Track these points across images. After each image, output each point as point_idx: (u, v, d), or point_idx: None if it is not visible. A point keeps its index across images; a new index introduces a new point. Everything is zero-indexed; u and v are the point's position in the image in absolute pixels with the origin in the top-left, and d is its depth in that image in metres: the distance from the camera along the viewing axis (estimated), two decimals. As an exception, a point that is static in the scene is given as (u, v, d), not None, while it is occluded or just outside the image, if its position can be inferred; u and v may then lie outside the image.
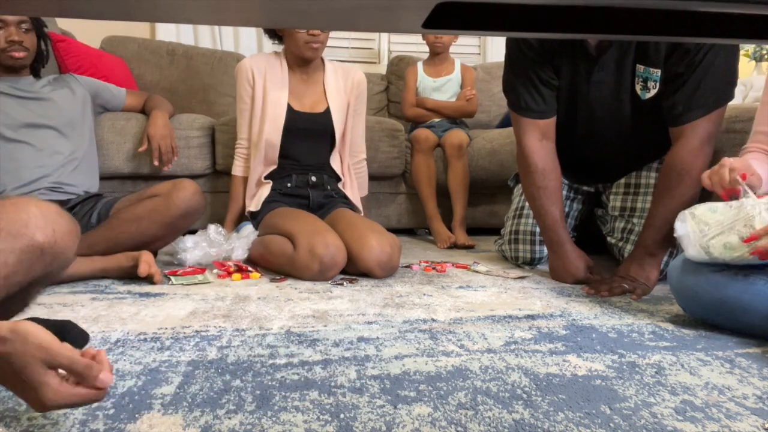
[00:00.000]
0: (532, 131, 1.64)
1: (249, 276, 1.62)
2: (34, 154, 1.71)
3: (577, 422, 0.75)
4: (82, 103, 1.89)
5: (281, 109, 1.93)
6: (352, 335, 1.11)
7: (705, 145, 1.45)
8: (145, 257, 1.52)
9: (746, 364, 0.99)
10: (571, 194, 1.91)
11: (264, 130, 1.92)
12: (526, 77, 1.62)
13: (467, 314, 1.28)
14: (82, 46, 2.52)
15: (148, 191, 1.70)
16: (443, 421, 0.75)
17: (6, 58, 1.72)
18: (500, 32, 0.40)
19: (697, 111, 1.44)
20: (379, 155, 2.44)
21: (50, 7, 0.38)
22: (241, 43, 3.29)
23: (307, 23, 0.39)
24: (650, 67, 1.51)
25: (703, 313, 1.21)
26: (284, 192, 1.95)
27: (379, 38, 3.57)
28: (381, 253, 1.63)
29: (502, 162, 2.50)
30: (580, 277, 1.61)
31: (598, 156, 1.75)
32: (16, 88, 1.75)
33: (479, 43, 3.62)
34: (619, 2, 0.35)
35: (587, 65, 1.57)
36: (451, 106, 2.60)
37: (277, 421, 0.74)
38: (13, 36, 1.71)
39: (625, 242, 1.73)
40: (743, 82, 3.07)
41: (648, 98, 1.54)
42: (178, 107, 2.53)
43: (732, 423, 0.76)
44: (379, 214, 2.55)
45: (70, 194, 1.76)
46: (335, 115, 1.99)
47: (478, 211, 2.62)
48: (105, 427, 0.71)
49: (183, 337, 1.07)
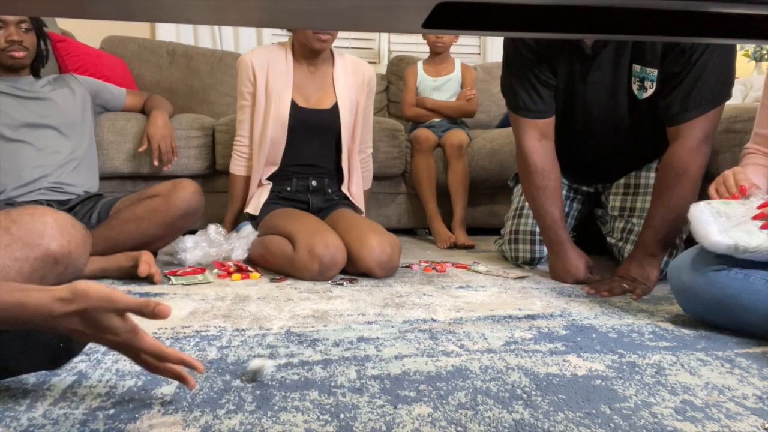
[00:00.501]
0: (531, 131, 1.64)
1: (249, 276, 1.62)
2: (34, 153, 1.71)
3: (577, 422, 0.75)
4: (82, 102, 1.89)
5: (285, 106, 1.87)
6: (352, 335, 1.11)
7: (703, 144, 1.45)
8: (145, 257, 1.52)
9: (746, 364, 0.99)
10: (571, 194, 1.91)
11: (267, 128, 1.87)
12: (524, 77, 1.62)
13: (467, 314, 1.28)
14: (82, 46, 2.52)
15: (148, 191, 1.69)
16: (443, 421, 0.75)
17: (6, 58, 1.72)
18: (500, 32, 0.40)
19: (694, 111, 1.44)
20: (379, 155, 2.44)
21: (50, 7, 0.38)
22: (241, 43, 3.29)
23: (308, 23, 0.39)
24: (646, 66, 1.51)
25: (703, 313, 1.21)
26: (284, 196, 1.93)
27: (379, 38, 3.57)
28: (381, 253, 1.63)
29: (502, 162, 2.50)
30: (580, 277, 1.61)
31: (597, 156, 1.75)
32: (16, 88, 1.75)
33: (479, 43, 3.63)
34: (619, 2, 0.35)
35: (583, 65, 1.57)
36: (451, 106, 2.59)
37: (277, 421, 0.74)
38: (13, 36, 1.71)
39: (624, 242, 1.73)
40: (743, 82, 3.07)
41: (645, 98, 1.55)
42: (178, 107, 2.53)
43: (732, 423, 0.76)
44: (379, 214, 2.55)
45: (70, 194, 1.76)
46: (344, 112, 1.92)
47: (478, 211, 2.62)
48: (105, 427, 0.71)
49: (183, 337, 1.07)
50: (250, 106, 1.93)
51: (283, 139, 1.88)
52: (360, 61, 2.05)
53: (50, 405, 0.77)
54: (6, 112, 1.71)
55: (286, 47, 1.93)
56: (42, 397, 0.79)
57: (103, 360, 0.93)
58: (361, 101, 1.99)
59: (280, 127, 1.87)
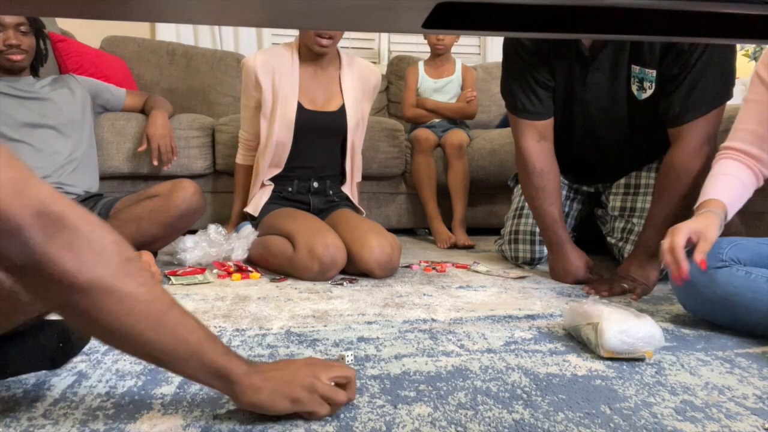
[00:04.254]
0: (530, 132, 1.64)
1: (249, 276, 1.62)
2: (33, 154, 1.71)
3: (577, 422, 0.75)
4: (81, 103, 1.89)
5: (291, 109, 1.85)
6: (352, 335, 1.11)
7: (704, 145, 1.45)
8: (145, 257, 1.52)
9: (746, 364, 0.99)
10: (571, 194, 1.91)
11: (274, 131, 1.85)
12: (523, 79, 1.62)
13: (467, 314, 1.28)
14: (82, 46, 2.52)
15: (148, 191, 1.69)
16: (443, 421, 0.75)
17: (4, 61, 1.72)
18: (500, 32, 0.40)
19: (695, 112, 1.44)
20: (379, 155, 2.44)
21: (50, 7, 0.38)
22: (241, 43, 3.29)
23: (308, 23, 0.39)
24: (645, 67, 1.51)
25: (704, 311, 1.21)
26: (284, 196, 1.92)
27: (379, 38, 3.57)
28: (381, 253, 1.63)
29: (502, 162, 2.50)
30: (580, 277, 1.61)
31: (596, 156, 1.75)
32: (16, 88, 1.75)
33: (479, 43, 3.63)
34: (619, 2, 0.35)
35: (582, 66, 1.57)
36: (452, 108, 2.59)
37: (278, 421, 0.74)
38: (11, 39, 1.70)
39: (625, 242, 1.73)
40: (743, 82, 3.07)
41: (644, 98, 1.54)
42: (178, 107, 2.53)
43: (732, 423, 0.76)
44: (379, 214, 2.55)
45: (70, 194, 1.75)
46: (350, 114, 1.91)
47: (478, 211, 2.62)
48: (105, 427, 0.71)
49: (183, 337, 1.07)
50: (254, 107, 1.92)
51: (289, 141, 1.86)
52: (370, 66, 2.03)
53: (50, 405, 0.77)
54: (6, 113, 1.71)
55: (293, 48, 1.90)
56: (42, 397, 0.79)
57: (103, 360, 0.93)
58: (365, 107, 2.00)
59: (287, 129, 1.85)
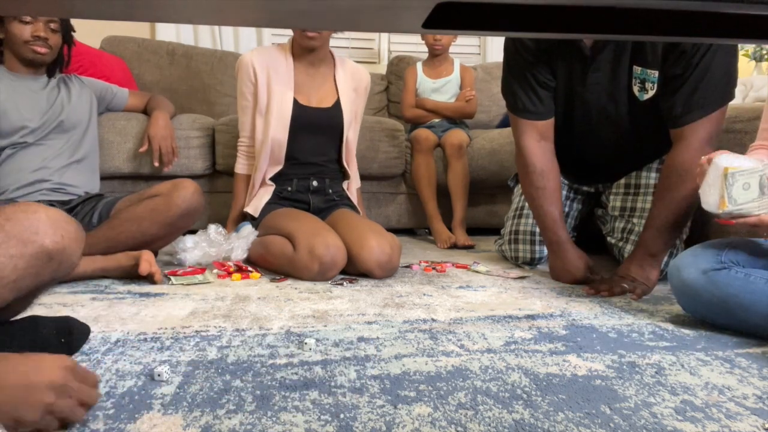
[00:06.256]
0: (531, 132, 1.64)
1: (249, 276, 1.62)
2: (37, 154, 1.72)
3: (577, 422, 0.75)
4: (89, 104, 1.90)
5: (287, 105, 1.87)
6: (352, 335, 1.11)
7: (706, 146, 1.45)
8: (145, 256, 1.52)
9: (746, 364, 0.99)
10: (571, 194, 1.91)
11: (270, 128, 1.86)
12: (523, 79, 1.62)
13: (467, 314, 1.28)
14: (82, 46, 2.51)
15: (148, 191, 1.69)
16: (443, 421, 0.75)
17: (28, 51, 1.72)
18: (500, 32, 0.40)
19: (697, 112, 1.44)
20: (379, 155, 2.44)
21: (50, 7, 0.38)
22: (241, 43, 3.29)
23: (308, 23, 0.39)
24: (647, 68, 1.51)
25: (704, 313, 1.21)
26: (284, 196, 1.93)
27: (379, 38, 3.57)
28: (381, 253, 1.63)
29: (502, 162, 2.50)
30: (580, 277, 1.61)
31: (597, 156, 1.75)
32: (27, 87, 1.75)
33: (479, 43, 3.62)
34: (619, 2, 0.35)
35: (582, 66, 1.57)
36: (451, 108, 2.59)
37: (277, 421, 0.74)
38: (40, 32, 1.71)
39: (625, 242, 1.73)
40: (743, 82, 3.07)
41: (646, 99, 1.54)
42: (178, 107, 2.53)
43: (732, 423, 0.76)
44: (379, 214, 2.55)
45: (71, 195, 1.76)
46: (345, 109, 1.94)
47: (478, 211, 2.63)
48: (105, 427, 0.71)
49: (183, 337, 1.07)
50: (252, 107, 1.92)
51: (285, 138, 1.88)
52: (360, 68, 2.07)
53: (50, 405, 0.77)
54: (12, 111, 1.70)
55: (286, 49, 1.94)
56: (42, 397, 0.79)
57: (103, 360, 0.93)
58: (359, 108, 2.02)
59: (283, 125, 1.87)
